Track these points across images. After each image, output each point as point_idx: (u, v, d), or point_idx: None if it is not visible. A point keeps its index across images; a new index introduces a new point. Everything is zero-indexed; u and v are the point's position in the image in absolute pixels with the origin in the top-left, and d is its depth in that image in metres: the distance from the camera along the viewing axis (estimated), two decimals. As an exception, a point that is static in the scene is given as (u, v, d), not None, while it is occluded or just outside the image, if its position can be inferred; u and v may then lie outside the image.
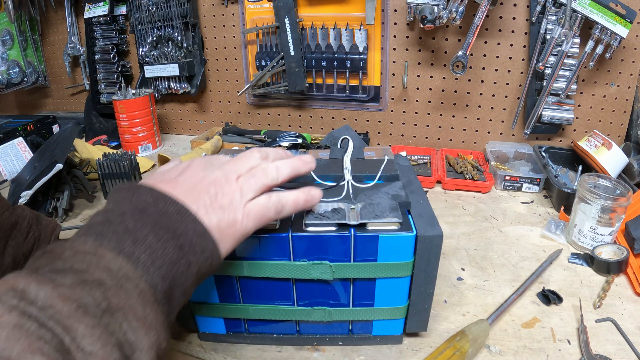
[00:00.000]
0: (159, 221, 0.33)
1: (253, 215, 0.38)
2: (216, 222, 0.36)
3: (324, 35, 1.05)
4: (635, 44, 0.90)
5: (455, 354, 0.47)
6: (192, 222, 0.34)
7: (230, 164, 0.41)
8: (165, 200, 0.35)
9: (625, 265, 0.63)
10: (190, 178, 0.38)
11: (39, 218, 0.59)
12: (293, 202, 0.41)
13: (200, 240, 0.34)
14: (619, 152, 0.84)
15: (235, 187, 0.38)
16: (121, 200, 0.35)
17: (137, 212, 0.33)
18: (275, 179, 0.41)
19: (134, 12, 1.17)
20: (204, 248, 0.35)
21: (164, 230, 0.33)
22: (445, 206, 0.86)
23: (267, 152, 0.43)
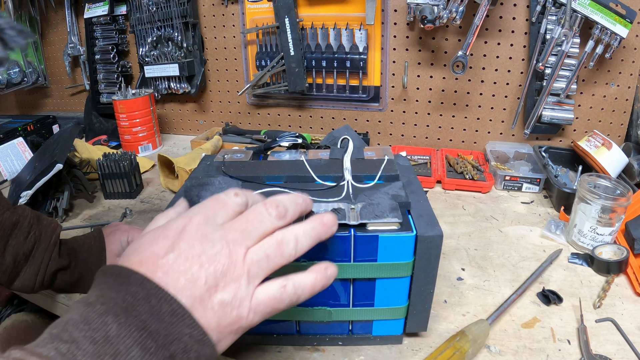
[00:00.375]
0: (148, 325, 0.27)
1: (262, 310, 0.32)
2: (215, 323, 0.30)
3: (324, 35, 1.05)
4: (635, 44, 0.90)
5: (455, 354, 0.47)
6: (187, 327, 0.29)
7: (236, 228, 0.33)
8: (159, 296, 0.29)
9: (625, 265, 0.63)
10: (184, 256, 0.30)
11: (40, 218, 0.59)
12: (310, 291, 0.34)
13: (197, 346, 0.29)
14: (619, 152, 0.84)
15: (242, 270, 0.31)
16: (107, 289, 0.29)
17: (123, 312, 0.27)
18: (292, 257, 0.33)
19: (134, 12, 1.17)
20: (200, 354, 0.29)
21: (153, 338, 0.27)
22: (445, 206, 0.86)
23: (285, 207, 0.35)
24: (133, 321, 0.27)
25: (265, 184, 0.51)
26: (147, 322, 0.27)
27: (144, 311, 0.28)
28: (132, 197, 0.92)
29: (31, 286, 0.56)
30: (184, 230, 0.32)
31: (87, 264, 0.60)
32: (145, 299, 0.28)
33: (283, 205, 0.34)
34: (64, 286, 0.59)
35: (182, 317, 0.29)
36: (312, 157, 0.58)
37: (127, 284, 0.29)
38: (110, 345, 0.26)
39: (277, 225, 0.34)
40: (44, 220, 0.59)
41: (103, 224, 0.81)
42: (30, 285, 0.55)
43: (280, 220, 0.34)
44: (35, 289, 0.56)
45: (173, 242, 0.31)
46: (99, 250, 0.61)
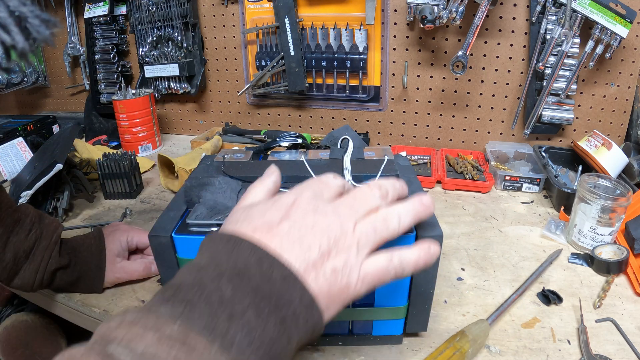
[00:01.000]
0: (261, 289, 0.28)
1: (369, 280, 0.32)
2: (326, 290, 0.30)
3: (324, 35, 1.05)
4: (635, 44, 0.90)
5: (455, 354, 0.47)
6: (299, 291, 0.29)
7: (345, 204, 0.34)
8: (271, 262, 0.29)
9: (625, 265, 0.63)
10: (297, 225, 0.32)
11: (42, 216, 0.59)
12: (414, 266, 0.35)
13: (306, 311, 0.29)
14: (619, 152, 0.84)
15: (352, 240, 0.32)
16: (217, 254, 0.30)
17: (235, 275, 0.28)
18: (396, 233, 0.34)
19: (134, 12, 1.17)
20: (308, 319, 0.29)
21: (266, 301, 0.28)
22: (445, 206, 0.86)
23: (387, 189, 0.37)
24: (246, 285, 0.28)
25: (265, 184, 0.51)
26: (260, 286, 0.28)
27: (256, 275, 0.29)
28: (132, 197, 0.92)
29: (30, 284, 0.56)
30: (295, 203, 0.33)
31: (87, 263, 0.60)
32: (257, 264, 0.29)
33: (384, 187, 0.37)
34: (63, 285, 0.59)
35: (293, 282, 0.29)
36: (312, 157, 0.58)
37: (238, 249, 0.30)
38: (225, 307, 0.27)
39: (380, 204, 0.35)
40: (46, 219, 0.59)
41: (103, 224, 0.81)
42: (29, 284, 0.56)
43: (383, 200, 0.36)
44: (34, 287, 0.56)
45: (286, 212, 0.32)
46: (98, 250, 0.61)
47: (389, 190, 0.37)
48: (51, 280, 0.57)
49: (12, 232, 0.55)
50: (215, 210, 0.46)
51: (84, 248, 0.60)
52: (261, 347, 0.26)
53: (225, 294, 0.27)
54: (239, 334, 0.26)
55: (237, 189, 0.49)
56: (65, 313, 0.64)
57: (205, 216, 0.45)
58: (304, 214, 0.32)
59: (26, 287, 0.56)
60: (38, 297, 0.66)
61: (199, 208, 0.47)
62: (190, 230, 0.45)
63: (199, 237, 0.44)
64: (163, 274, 0.48)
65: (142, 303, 0.60)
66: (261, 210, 0.34)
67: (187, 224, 0.46)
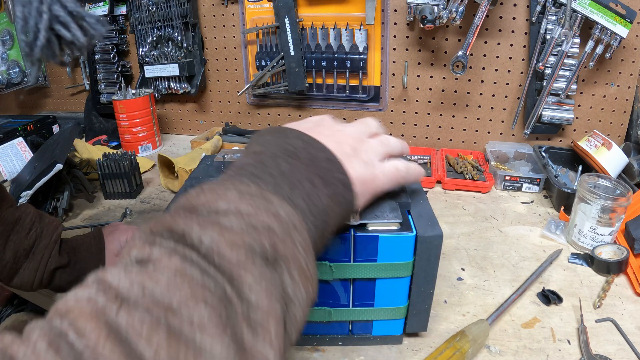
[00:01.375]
0: (310, 167, 0.32)
1: (388, 173, 0.39)
2: (358, 175, 0.36)
3: (324, 35, 1.05)
4: (635, 44, 0.90)
5: (455, 354, 0.47)
6: (339, 172, 0.34)
7: (356, 125, 0.41)
8: (315, 146, 0.34)
9: (625, 265, 0.63)
10: (329, 128, 0.38)
11: (42, 216, 0.59)
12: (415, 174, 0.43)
13: (344, 191, 0.34)
14: (619, 152, 0.84)
15: (368, 146, 0.39)
16: (269, 142, 0.34)
17: (288, 156, 0.32)
18: (392, 151, 0.42)
19: (134, 12, 1.17)
20: (346, 199, 0.34)
21: (317, 176, 0.32)
22: (445, 206, 0.86)
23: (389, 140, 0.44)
24: (298, 163, 0.32)
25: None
26: (309, 165, 0.33)
27: (305, 156, 0.33)
28: (132, 197, 0.92)
29: (30, 283, 0.56)
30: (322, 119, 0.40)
31: (86, 263, 0.60)
32: (304, 148, 0.34)
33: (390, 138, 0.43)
34: (62, 285, 0.59)
35: (335, 163, 0.34)
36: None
37: (285, 137, 0.34)
38: (285, 178, 0.31)
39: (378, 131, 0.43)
40: (46, 219, 0.59)
41: (103, 224, 0.81)
42: (29, 283, 0.55)
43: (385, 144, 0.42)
44: (34, 286, 0.56)
45: (316, 124, 0.39)
46: (98, 250, 0.61)
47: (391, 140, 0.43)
48: (51, 279, 0.57)
49: (12, 231, 0.55)
50: (215, 210, 0.46)
51: (83, 248, 0.60)
52: (317, 215, 0.31)
53: (283, 169, 0.31)
54: (299, 198, 0.30)
55: (237, 189, 0.49)
56: (65, 313, 0.64)
57: (205, 216, 0.45)
58: (329, 124, 0.39)
59: (26, 287, 0.56)
60: (38, 298, 0.66)
61: (199, 208, 0.47)
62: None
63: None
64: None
65: (142, 303, 0.60)
66: (294, 124, 0.40)
67: (187, 224, 0.46)
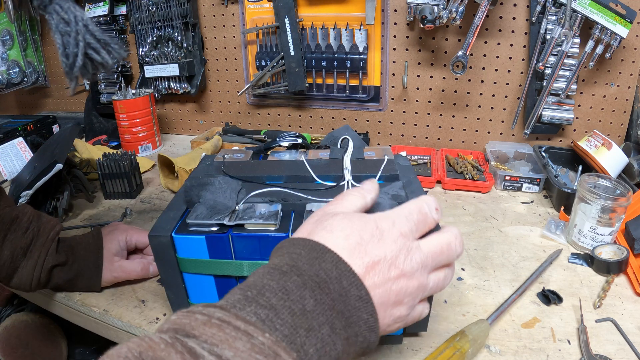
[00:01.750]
0: (337, 304, 0.29)
1: (413, 318, 0.36)
2: (387, 324, 0.33)
3: (324, 35, 1.05)
4: (635, 44, 0.90)
5: (455, 354, 0.47)
6: (367, 313, 0.31)
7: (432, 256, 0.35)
8: (350, 279, 0.30)
9: (625, 265, 0.63)
10: (385, 264, 0.32)
11: (40, 215, 0.59)
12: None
13: (367, 333, 0.31)
14: (619, 152, 0.84)
15: (423, 294, 0.35)
16: (299, 261, 0.31)
17: (317, 287, 0.29)
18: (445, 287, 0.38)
19: (134, 12, 1.17)
20: (367, 340, 0.31)
21: (340, 318, 0.29)
22: (445, 206, 0.86)
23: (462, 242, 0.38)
24: (326, 299, 0.29)
25: (265, 184, 0.51)
26: (336, 301, 0.29)
27: (335, 290, 0.29)
28: (132, 197, 0.92)
29: (28, 282, 0.56)
30: (390, 234, 0.33)
31: (84, 261, 0.60)
32: (338, 279, 0.30)
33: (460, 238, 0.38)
34: (61, 283, 0.59)
35: (366, 302, 0.30)
36: (312, 157, 0.58)
37: (321, 260, 0.31)
38: (305, 319, 0.28)
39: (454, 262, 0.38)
40: (44, 217, 0.59)
41: (103, 223, 0.81)
42: (27, 282, 0.56)
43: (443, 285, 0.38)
44: (32, 285, 0.56)
45: (378, 240, 0.33)
46: (96, 248, 0.61)
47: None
48: (49, 278, 0.57)
49: (9, 230, 0.55)
50: (215, 210, 0.46)
51: (81, 246, 0.61)
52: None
53: (307, 306, 0.28)
54: (313, 348, 0.27)
55: (237, 189, 0.49)
56: (65, 313, 0.64)
57: (205, 216, 0.45)
58: (394, 254, 0.33)
59: (24, 286, 0.56)
60: (38, 297, 0.66)
61: (199, 208, 0.47)
62: (190, 230, 0.45)
63: (199, 236, 0.45)
64: (163, 273, 0.48)
65: (142, 303, 0.60)
66: (353, 226, 0.33)
67: (187, 224, 0.46)
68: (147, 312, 0.58)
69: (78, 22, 0.41)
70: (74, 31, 0.41)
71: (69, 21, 0.40)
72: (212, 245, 0.45)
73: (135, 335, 0.57)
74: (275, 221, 0.44)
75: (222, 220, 0.44)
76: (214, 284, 0.48)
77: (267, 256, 0.45)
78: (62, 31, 0.40)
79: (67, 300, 0.62)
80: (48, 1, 0.40)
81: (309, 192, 0.49)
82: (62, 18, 0.40)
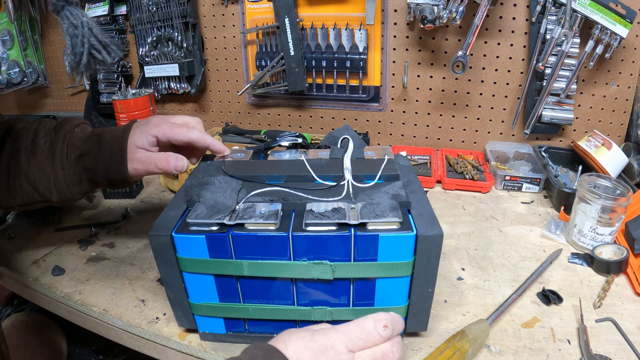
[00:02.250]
0: None
1: None
2: None
3: (324, 35, 1.05)
4: (635, 44, 0.90)
5: (455, 354, 0.47)
6: None
7: None
8: None
9: (625, 265, 0.63)
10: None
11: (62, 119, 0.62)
12: None
13: None
14: (619, 152, 0.84)
15: None
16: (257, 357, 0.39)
17: None
18: None
19: (134, 12, 1.17)
20: None
21: None
22: (445, 206, 0.86)
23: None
24: None
25: (266, 184, 0.51)
26: None
27: None
28: (132, 197, 0.92)
29: (65, 186, 0.58)
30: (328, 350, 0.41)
31: (109, 146, 0.58)
32: None
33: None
34: (93, 173, 0.59)
35: None
36: (312, 156, 0.58)
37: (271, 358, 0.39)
38: None
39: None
40: (64, 120, 0.62)
41: (103, 223, 0.82)
42: (64, 186, 0.58)
43: None
44: (71, 188, 0.58)
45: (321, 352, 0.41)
46: (122, 132, 0.59)
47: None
48: (79, 169, 0.58)
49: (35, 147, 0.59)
50: (216, 209, 0.46)
51: (109, 133, 0.59)
52: None
53: None
54: None
55: (237, 188, 0.49)
56: (65, 313, 0.64)
57: (206, 215, 0.45)
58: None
59: (64, 192, 0.58)
60: (38, 297, 0.67)
61: (199, 207, 0.47)
62: (190, 229, 0.45)
63: (199, 236, 0.45)
64: (163, 273, 0.48)
65: (142, 303, 0.60)
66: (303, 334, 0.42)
67: (187, 223, 0.46)
68: (147, 311, 0.58)
69: (84, 26, 0.48)
70: (80, 34, 0.48)
71: (77, 25, 0.48)
72: (212, 244, 0.45)
73: (135, 335, 0.57)
74: (275, 220, 0.44)
75: (222, 219, 0.44)
76: (214, 283, 0.48)
77: (267, 256, 0.45)
78: (71, 34, 0.48)
79: (67, 300, 0.62)
80: (61, 7, 0.47)
81: (309, 192, 0.49)
82: (72, 23, 0.48)
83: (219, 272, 0.46)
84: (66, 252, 0.73)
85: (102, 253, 0.73)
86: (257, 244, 0.44)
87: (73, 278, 0.67)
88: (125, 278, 0.66)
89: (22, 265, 0.70)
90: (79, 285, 0.65)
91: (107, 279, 0.66)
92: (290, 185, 0.50)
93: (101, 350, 1.00)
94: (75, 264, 0.70)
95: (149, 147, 0.58)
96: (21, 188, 0.59)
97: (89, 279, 0.66)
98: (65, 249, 0.74)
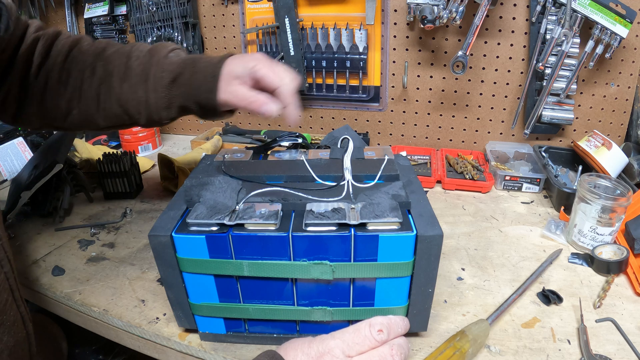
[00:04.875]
0: None
1: None
2: None
3: (324, 35, 1.05)
4: (635, 44, 0.90)
5: (455, 354, 0.47)
6: None
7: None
8: None
9: (625, 265, 0.63)
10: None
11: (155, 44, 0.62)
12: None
13: None
14: (619, 152, 0.84)
15: None
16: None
17: None
18: None
19: (134, 12, 1.17)
20: None
21: None
22: (445, 206, 0.86)
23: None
24: None
25: (266, 184, 0.51)
26: None
27: None
28: (132, 197, 0.92)
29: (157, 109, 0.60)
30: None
31: (203, 71, 0.58)
32: None
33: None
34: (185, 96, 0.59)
35: None
36: (312, 156, 0.58)
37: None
38: None
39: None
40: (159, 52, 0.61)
41: (103, 223, 0.82)
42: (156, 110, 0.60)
43: None
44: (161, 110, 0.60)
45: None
46: (218, 60, 0.59)
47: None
48: (171, 93, 0.59)
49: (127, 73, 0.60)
50: (216, 209, 0.46)
51: (204, 59, 0.60)
52: None
53: None
54: None
55: (237, 189, 0.49)
56: (65, 313, 0.64)
57: (205, 215, 0.45)
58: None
59: (155, 114, 0.60)
60: (38, 297, 0.67)
61: (199, 207, 0.47)
62: (190, 229, 0.45)
63: (199, 236, 0.45)
64: (163, 273, 0.48)
65: (142, 303, 0.60)
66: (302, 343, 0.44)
67: (187, 224, 0.46)
68: (147, 311, 0.58)
69: None
70: None
71: None
72: (212, 244, 0.45)
73: (135, 335, 0.57)
74: (275, 221, 0.44)
75: (222, 219, 0.44)
76: (214, 283, 0.48)
77: (267, 256, 0.45)
78: None
79: (67, 300, 0.62)
80: None
81: (309, 192, 0.49)
82: None
83: (219, 272, 0.46)
84: (66, 252, 0.73)
85: (102, 253, 0.73)
86: (257, 244, 0.44)
87: (73, 278, 0.66)
88: (125, 278, 0.66)
89: (22, 265, 0.70)
90: (79, 285, 0.65)
91: (107, 279, 0.66)
92: (290, 185, 0.50)
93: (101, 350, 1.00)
94: (75, 264, 0.70)
95: (243, 77, 0.57)
96: (112, 110, 0.61)
97: (89, 279, 0.66)
98: (65, 249, 0.74)
